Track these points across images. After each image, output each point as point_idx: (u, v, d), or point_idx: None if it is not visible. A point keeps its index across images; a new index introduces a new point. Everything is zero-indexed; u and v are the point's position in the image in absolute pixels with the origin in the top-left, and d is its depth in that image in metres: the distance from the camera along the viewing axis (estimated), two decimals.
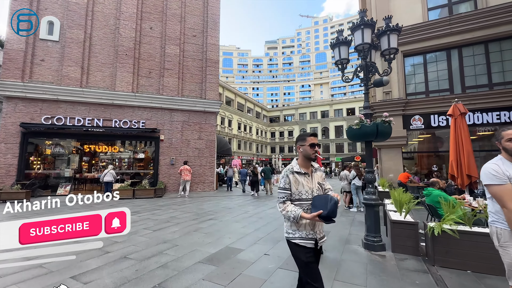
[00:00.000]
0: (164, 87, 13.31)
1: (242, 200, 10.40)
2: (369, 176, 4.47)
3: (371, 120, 4.30)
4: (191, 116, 13.66)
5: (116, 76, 12.50)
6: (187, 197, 11.30)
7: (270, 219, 6.71)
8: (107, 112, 12.24)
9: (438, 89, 10.46)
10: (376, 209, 4.31)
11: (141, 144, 14.05)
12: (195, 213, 7.37)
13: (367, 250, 4.21)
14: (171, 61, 13.57)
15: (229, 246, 4.42)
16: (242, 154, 40.09)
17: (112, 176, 11.06)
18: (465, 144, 5.66)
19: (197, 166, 13.43)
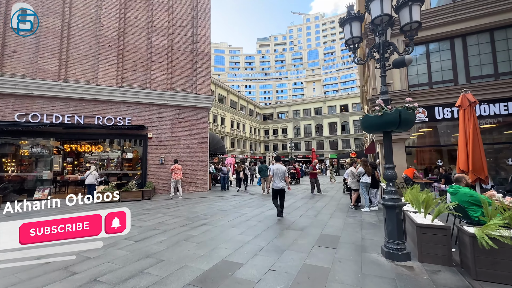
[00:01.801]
0: (152, 81, 12.38)
1: (238, 200, 9.67)
2: (390, 172, 3.81)
3: (392, 107, 3.64)
4: (181, 112, 12.80)
5: (98, 69, 11.50)
6: (181, 197, 10.51)
7: (270, 222, 6.01)
8: (88, 108, 11.25)
9: (442, 80, 9.96)
10: (398, 211, 3.67)
11: (127, 142, 13.09)
12: (186, 218, 6.59)
13: (390, 260, 3.56)
14: (158, 53, 12.64)
15: (226, 259, 3.69)
16: (236, 152, 39.29)
17: (94, 177, 10.16)
18: (475, 137, 5.20)
19: (188, 165, 12.60)
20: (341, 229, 5.36)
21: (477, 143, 5.21)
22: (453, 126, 10.24)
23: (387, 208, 3.73)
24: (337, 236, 4.84)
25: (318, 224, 5.75)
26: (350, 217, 6.48)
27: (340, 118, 44.92)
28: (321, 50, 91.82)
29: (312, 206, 8.21)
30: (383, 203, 3.78)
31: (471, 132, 5.25)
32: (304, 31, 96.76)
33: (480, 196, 3.79)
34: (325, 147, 45.30)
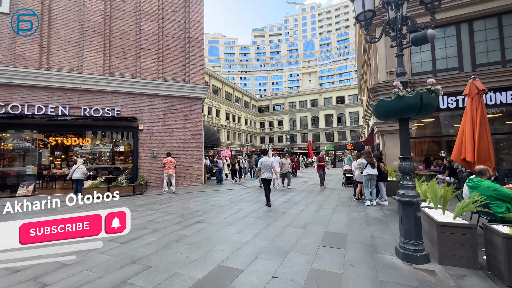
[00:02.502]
0: (142, 70, 11.67)
1: (235, 194, 9.24)
2: (406, 165, 3.38)
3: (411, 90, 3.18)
4: (174, 102, 12.16)
5: (83, 57, 10.73)
6: (175, 192, 10.04)
7: (270, 219, 5.59)
8: (74, 98, 10.54)
9: (446, 68, 9.55)
10: (416, 208, 3.26)
11: (117, 135, 12.45)
12: (179, 215, 6.13)
13: (407, 263, 3.17)
14: (148, 39, 11.88)
15: (222, 264, 3.25)
16: (231, 145, 38.76)
17: (82, 172, 9.56)
18: (482, 126, 4.89)
19: (182, 159, 12.08)
20: (346, 225, 4.97)
21: (485, 133, 4.93)
22: (451, 117, 9.94)
23: (403, 204, 3.32)
24: (344, 234, 4.45)
25: (321, 220, 5.36)
26: (354, 212, 6.11)
27: (336, 110, 44.58)
28: (317, 41, 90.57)
29: (313, 200, 7.83)
30: (399, 199, 3.37)
31: (478, 122, 4.97)
32: (300, 21, 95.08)
33: (506, 190, 3.41)
34: (321, 139, 45.08)
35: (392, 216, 5.66)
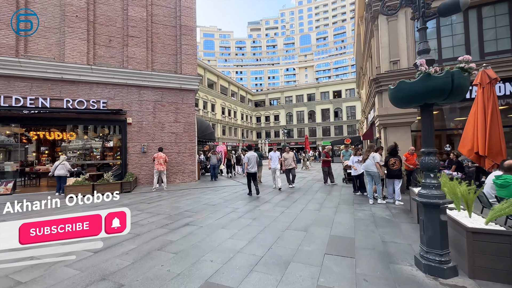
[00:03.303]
0: (130, 59, 10.91)
1: (229, 192, 8.68)
2: (431, 159, 2.84)
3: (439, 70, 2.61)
4: (164, 94, 11.45)
5: (65, 44, 9.92)
6: (166, 189, 9.44)
7: (267, 219, 5.05)
8: (55, 89, 9.76)
9: (453, 57, 9.02)
10: (442, 212, 2.73)
11: (105, 129, 11.75)
12: (167, 216, 5.55)
13: (431, 277, 2.66)
14: (136, 26, 11.08)
15: (211, 280, 2.69)
16: (227, 140, 38.10)
17: (65, 168, 8.91)
18: (494, 118, 4.47)
19: (174, 154, 11.44)
20: (352, 227, 4.45)
21: (496, 125, 4.53)
22: (450, 110, 9.49)
23: (426, 207, 2.79)
24: (351, 238, 3.93)
25: (323, 221, 4.83)
26: (358, 211, 5.60)
27: (333, 105, 44.07)
28: (314, 34, 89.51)
29: (312, 197, 7.31)
30: (421, 200, 2.84)
31: (490, 113, 4.54)
32: (296, 14, 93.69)
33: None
34: (318, 134, 44.65)
35: (400, 216, 5.17)
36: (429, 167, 2.86)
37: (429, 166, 2.85)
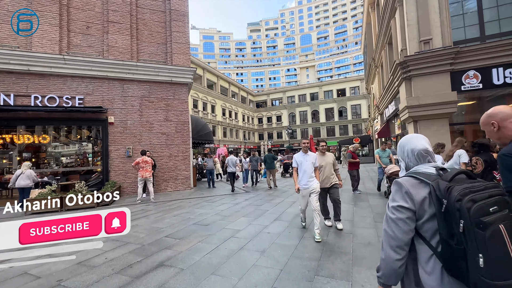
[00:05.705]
0: (110, 48, 9.36)
1: (228, 203, 7.02)
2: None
3: None
4: (152, 89, 9.87)
5: None
6: (153, 200, 7.84)
7: (282, 250, 3.37)
8: (21, 84, 8.22)
9: (500, 32, 7.37)
10: None
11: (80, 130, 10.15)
12: (139, 246, 3.91)
13: None
14: (118, 10, 9.55)
15: None
16: (228, 142, 36.52)
17: (29, 178, 7.32)
18: None
19: (165, 157, 9.83)
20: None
21: None
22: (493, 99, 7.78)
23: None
24: None
25: (378, 255, 3.16)
26: None
27: (337, 104, 42.39)
28: (314, 34, 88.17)
29: (352, 211, 5.62)
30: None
31: None
32: (296, 14, 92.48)
33: None
34: (322, 134, 42.94)
35: None
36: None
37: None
